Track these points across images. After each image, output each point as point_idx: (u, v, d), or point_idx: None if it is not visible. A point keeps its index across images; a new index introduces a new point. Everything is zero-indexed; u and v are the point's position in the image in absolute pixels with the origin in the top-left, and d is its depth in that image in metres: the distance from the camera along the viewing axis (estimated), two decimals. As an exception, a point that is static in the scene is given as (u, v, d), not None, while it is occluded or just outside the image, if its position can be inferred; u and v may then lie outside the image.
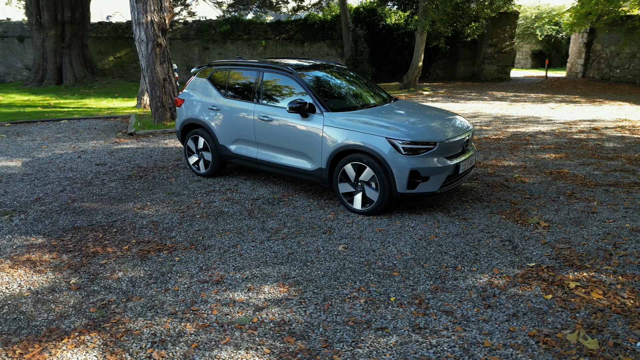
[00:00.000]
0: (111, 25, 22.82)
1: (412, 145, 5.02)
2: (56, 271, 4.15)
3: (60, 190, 6.34)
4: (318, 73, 6.23)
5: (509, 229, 4.94)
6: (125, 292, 3.81)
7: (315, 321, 3.39)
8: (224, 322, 3.40)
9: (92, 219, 5.36)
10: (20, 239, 4.82)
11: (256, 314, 3.49)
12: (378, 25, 21.43)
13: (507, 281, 3.87)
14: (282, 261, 4.31)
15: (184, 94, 6.98)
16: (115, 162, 7.76)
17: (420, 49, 16.56)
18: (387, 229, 5.00)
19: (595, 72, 20.90)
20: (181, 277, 4.05)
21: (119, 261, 4.34)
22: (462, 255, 4.35)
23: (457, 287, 3.81)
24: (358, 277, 4.00)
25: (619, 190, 6.11)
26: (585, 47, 21.35)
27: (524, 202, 5.72)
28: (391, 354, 3.01)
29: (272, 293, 3.78)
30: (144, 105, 13.25)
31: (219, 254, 4.47)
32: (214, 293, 3.79)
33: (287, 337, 3.21)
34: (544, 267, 4.09)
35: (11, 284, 3.94)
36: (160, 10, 10.06)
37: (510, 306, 3.51)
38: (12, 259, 4.36)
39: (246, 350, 3.08)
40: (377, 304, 3.60)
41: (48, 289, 3.86)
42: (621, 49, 19.36)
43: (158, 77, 10.15)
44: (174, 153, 8.33)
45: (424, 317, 3.40)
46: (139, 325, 3.38)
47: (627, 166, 7.22)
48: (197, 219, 5.34)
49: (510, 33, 20.79)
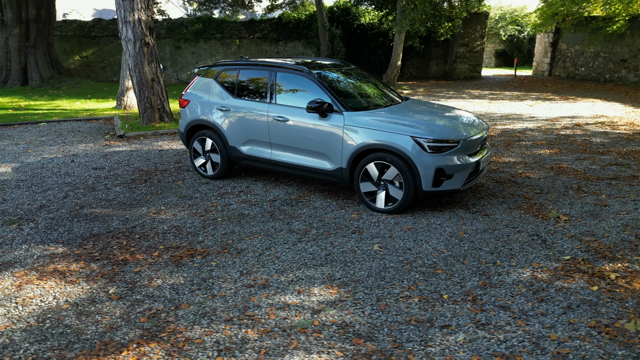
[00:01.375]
0: (76, 23, 21.98)
1: (437, 143, 5.08)
2: (90, 281, 3.96)
3: (63, 197, 6.06)
4: (329, 73, 6.20)
5: (532, 223, 5.08)
6: (171, 300, 3.68)
7: (377, 322, 3.38)
8: (284, 326, 3.34)
9: (109, 225, 5.15)
10: (39, 249, 4.57)
11: (315, 317, 3.45)
12: (352, 25, 21.55)
13: (549, 275, 3.97)
14: (322, 262, 4.27)
15: (189, 94, 6.80)
16: (113, 165, 7.48)
17: (399, 49, 16.77)
18: (414, 227, 5.04)
19: (561, 71, 21.76)
20: (224, 282, 3.95)
21: (153, 268, 4.19)
22: (497, 251, 4.44)
23: (503, 282, 3.88)
24: (403, 276, 4.01)
25: (621, 183, 6.39)
26: (551, 47, 22.19)
27: (537, 197, 5.88)
28: (464, 351, 3.04)
29: (323, 295, 3.74)
30: (124, 107, 12.82)
31: (255, 257, 4.38)
32: (265, 297, 3.72)
33: (354, 339, 3.19)
34: (580, 259, 4.22)
35: (45, 296, 3.73)
36: (147, 9, 9.76)
37: (562, 299, 3.61)
38: (38, 270, 4.14)
39: (318, 354, 3.03)
40: (432, 302, 3.62)
41: (87, 300, 3.68)
42: (585, 48, 20.23)
43: (146, 77, 9.85)
44: (172, 155, 8.11)
45: (482, 314, 3.45)
46: (198, 333, 3.27)
47: (620, 160, 7.56)
48: (220, 222, 5.22)
49: (481, 33, 21.36)
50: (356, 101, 5.90)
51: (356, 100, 5.92)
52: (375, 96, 6.23)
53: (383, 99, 6.19)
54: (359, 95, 6.14)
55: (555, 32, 21.79)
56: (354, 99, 5.95)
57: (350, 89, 6.21)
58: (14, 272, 4.11)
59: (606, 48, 19.33)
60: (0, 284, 3.91)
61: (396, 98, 6.40)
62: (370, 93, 6.28)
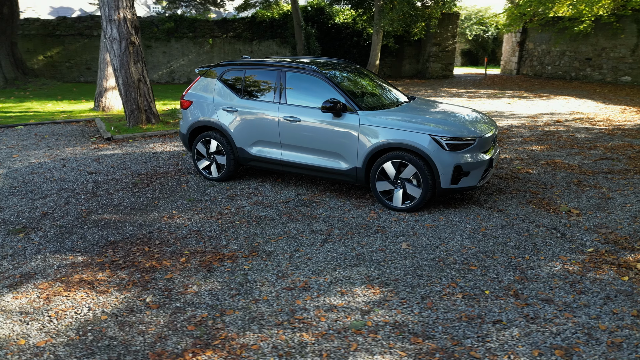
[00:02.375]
0: (39, 22, 21.11)
1: (454, 141, 5.15)
2: (122, 290, 3.81)
3: (64, 203, 5.79)
4: (338, 72, 6.19)
5: (546, 217, 5.23)
6: (214, 306, 3.59)
7: (429, 320, 3.40)
8: (339, 328, 3.31)
9: (123, 231, 4.97)
10: (56, 258, 4.36)
11: (365, 317, 3.44)
12: (327, 24, 21.59)
13: (580, 267, 4.10)
14: (355, 263, 4.26)
15: (192, 95, 6.64)
16: (109, 169, 7.21)
17: (377, 48, 16.93)
18: (435, 224, 5.10)
19: (529, 69, 22.51)
20: (263, 286, 3.88)
21: (184, 274, 4.06)
22: (522, 246, 4.55)
23: (538, 276, 3.98)
24: (440, 274, 4.05)
25: (616, 177, 6.66)
26: (518, 46, 22.92)
27: (542, 192, 6.06)
28: (522, 345, 3.10)
29: (367, 295, 3.73)
30: (103, 108, 12.39)
31: (286, 260, 4.32)
32: (309, 300, 3.67)
33: (412, 338, 3.20)
34: (603, 251, 4.38)
35: (79, 308, 3.56)
36: (132, 7, 9.46)
37: (599, 290, 3.73)
38: (63, 281, 3.94)
39: (382, 355, 3.02)
40: (476, 298, 3.67)
41: (125, 310, 3.54)
42: (552, 48, 21.00)
43: (133, 77, 9.55)
44: (167, 158, 7.89)
45: (529, 308, 3.52)
46: (252, 339, 3.20)
47: (608, 155, 7.88)
48: (239, 225, 5.12)
49: (453, 33, 21.82)
50: (367, 100, 5.92)
51: (367, 100, 5.93)
52: (384, 95, 6.26)
53: (392, 98, 6.22)
54: (369, 94, 6.16)
55: (523, 32, 22.51)
56: (365, 98, 5.96)
57: (359, 88, 6.21)
58: (36, 283, 3.91)
59: (571, 47, 20.13)
60: (26, 297, 3.71)
61: (403, 97, 6.46)
62: (378, 92, 6.31)
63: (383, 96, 6.21)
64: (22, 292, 3.78)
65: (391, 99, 6.18)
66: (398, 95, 6.47)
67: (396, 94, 6.46)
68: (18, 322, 3.38)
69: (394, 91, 6.57)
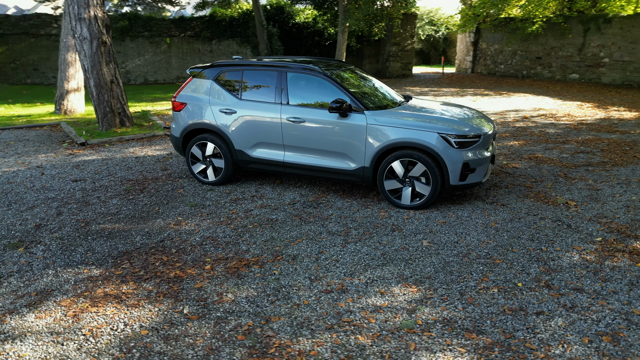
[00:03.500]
0: (-22, 21, 19.68)
1: (462, 139, 5.28)
2: (154, 302, 3.63)
3: (57, 214, 5.45)
4: (340, 72, 6.17)
5: (547, 210, 5.46)
6: (256, 314, 3.49)
7: (475, 315, 3.47)
8: (391, 328, 3.32)
9: (133, 241, 4.73)
10: (69, 273, 4.09)
11: (413, 316, 3.46)
12: (288, 24, 21.50)
13: (596, 256, 4.32)
14: (383, 262, 4.28)
15: (184, 97, 6.42)
16: (93, 176, 6.84)
17: (343, 48, 17.05)
18: (446, 220, 5.20)
19: (483, 68, 23.40)
20: (299, 290, 3.81)
21: (214, 282, 3.93)
22: (536, 238, 4.73)
23: (561, 266, 4.15)
24: (468, 269, 4.14)
25: (597, 169, 7.06)
26: (472, 46, 23.76)
27: (535, 186, 6.33)
28: (571, 334, 3.23)
29: (406, 294, 3.76)
30: (64, 112, 11.73)
31: (313, 262, 4.27)
32: (351, 302, 3.65)
33: (466, 333, 3.25)
34: (612, 240, 4.64)
35: (113, 324, 3.36)
36: (102, 4, 9.02)
37: (620, 277, 3.94)
38: (86, 296, 3.71)
39: (443, 353, 3.05)
40: (511, 291, 3.78)
41: (165, 323, 3.38)
42: (504, 47, 21.93)
43: (105, 79, 9.10)
44: (153, 162, 7.59)
45: (564, 298, 3.67)
46: (308, 345, 3.14)
47: (582, 148, 8.34)
48: (252, 229, 5.01)
49: (411, 33, 22.32)
50: (371, 100, 5.94)
51: (370, 99, 5.96)
52: (384, 95, 6.31)
53: (392, 98, 6.29)
54: (370, 94, 6.18)
55: (476, 32, 23.36)
56: (368, 97, 5.98)
57: (360, 88, 6.22)
58: (57, 301, 3.65)
59: (523, 47, 21.10)
60: (51, 316, 3.46)
61: (400, 97, 6.53)
62: (378, 92, 6.35)
63: (383, 96, 6.26)
64: (44, 310, 3.52)
65: (391, 99, 6.24)
66: (395, 94, 6.54)
67: (393, 94, 6.53)
68: (51, 343, 3.15)
69: (391, 90, 6.64)
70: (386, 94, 6.37)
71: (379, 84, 6.62)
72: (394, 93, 6.61)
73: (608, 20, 17.94)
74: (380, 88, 6.52)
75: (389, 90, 6.60)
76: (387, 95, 6.31)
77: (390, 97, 6.31)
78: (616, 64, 17.91)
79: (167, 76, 21.70)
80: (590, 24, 18.53)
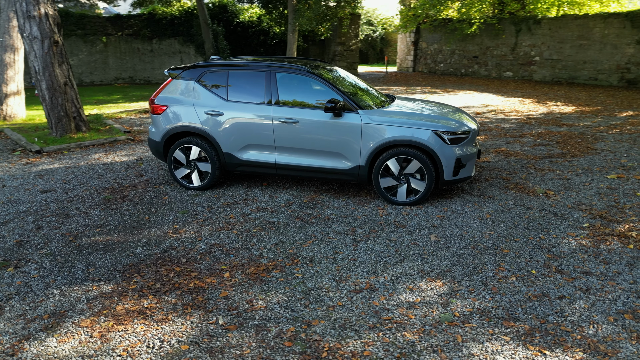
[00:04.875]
0: None
1: (454, 135, 5.47)
2: (183, 315, 3.46)
3: (36, 228, 5.03)
4: (328, 72, 6.17)
5: (531, 200, 5.79)
6: (295, 319, 3.43)
7: (505, 304, 3.62)
8: (432, 323, 3.39)
9: (134, 253, 4.47)
10: (77, 291, 3.80)
11: (448, 309, 3.55)
12: (232, 22, 21.13)
13: (590, 241, 4.64)
14: (400, 259, 4.35)
15: (164, 99, 6.14)
16: (63, 186, 6.37)
17: (293, 47, 17.02)
18: (444, 215, 5.37)
19: (424, 67, 24.29)
20: (329, 292, 3.79)
21: (239, 290, 3.81)
22: (530, 227, 5.01)
23: (564, 252, 4.43)
24: (482, 260, 4.30)
25: (559, 160, 7.58)
26: (413, 46, 24.59)
27: (511, 178, 6.68)
28: (596, 314, 3.46)
29: (434, 288, 3.85)
30: (4, 117, 10.78)
31: (332, 263, 4.26)
32: (384, 300, 3.68)
33: (504, 321, 3.39)
34: (598, 225, 5.00)
35: (147, 342, 3.17)
36: (53, 1, 8.40)
37: (618, 259, 4.27)
38: (106, 315, 3.46)
39: (490, 343, 3.16)
40: (528, 278, 3.98)
41: (204, 336, 3.23)
42: (443, 47, 22.90)
43: (58, 81, 8.49)
44: (124, 169, 7.19)
45: (577, 281, 3.91)
46: (358, 346, 3.14)
47: (539, 141, 8.91)
48: (257, 233, 4.91)
49: (355, 32, 22.70)
50: (362, 99, 5.97)
51: (361, 99, 5.99)
52: (372, 94, 6.39)
53: (379, 97, 6.38)
54: (359, 93, 6.21)
55: (416, 32, 24.19)
56: (359, 97, 6.01)
57: (349, 87, 6.24)
58: (76, 321, 3.38)
59: (460, 47, 22.14)
60: (75, 339, 3.20)
61: (384, 96, 6.64)
62: (365, 91, 6.40)
63: (371, 95, 6.34)
64: (65, 334, 3.25)
65: (379, 97, 6.33)
66: (379, 93, 6.64)
67: (378, 93, 6.63)
68: (86, 367, 2.92)
69: (375, 90, 6.73)
70: (373, 93, 6.46)
71: (363, 84, 6.69)
72: (379, 92, 6.71)
73: (537, 22, 19.25)
74: (366, 87, 6.60)
75: (373, 90, 6.69)
76: (375, 95, 6.40)
77: (377, 96, 6.40)
78: (546, 62, 19.26)
79: (105, 77, 20.60)
80: (521, 25, 19.78)
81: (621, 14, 16.88)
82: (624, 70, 16.89)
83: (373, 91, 6.58)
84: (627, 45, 16.67)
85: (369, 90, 6.53)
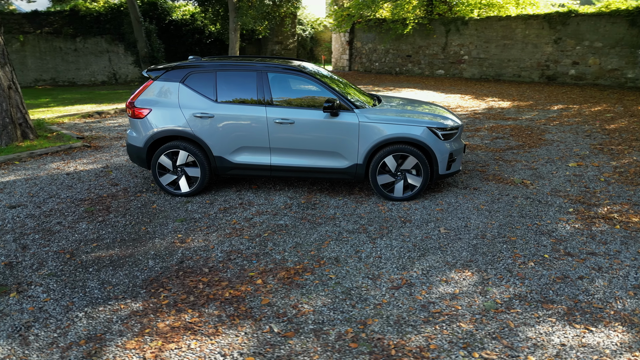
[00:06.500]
0: None
1: (446, 131, 5.70)
2: (233, 327, 3.32)
3: (21, 248, 4.56)
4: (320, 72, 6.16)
5: (513, 190, 6.17)
6: (348, 319, 3.42)
7: (536, 287, 3.85)
8: (480, 311, 3.52)
9: (147, 266, 4.20)
10: (104, 312, 3.50)
11: (489, 297, 3.71)
12: (165, 20, 20.28)
13: (581, 224, 5.05)
14: (421, 253, 4.46)
15: (146, 101, 5.79)
16: (31, 200, 5.80)
17: (236, 46, 16.68)
18: (442, 208, 5.58)
19: (359, 66, 24.85)
20: (369, 291, 3.81)
21: (279, 295, 3.72)
22: (525, 214, 5.34)
23: (564, 236, 4.78)
24: (496, 248, 4.53)
25: (520, 151, 8.13)
26: (348, 45, 25.05)
27: (487, 170, 7.07)
28: (617, 290, 3.78)
29: (466, 279, 4.00)
30: None
31: (358, 262, 4.28)
32: (425, 294, 3.77)
33: (543, 304, 3.60)
34: (582, 209, 5.45)
35: (208, 358, 3.01)
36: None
37: (612, 239, 4.69)
38: (150, 334, 3.23)
39: (540, 325, 3.36)
40: (544, 262, 4.26)
41: (264, 346, 3.12)
42: (377, 46, 23.57)
43: (2, 84, 7.69)
44: (93, 178, 6.68)
45: (588, 262, 4.24)
46: (421, 340, 3.20)
47: (494, 134, 9.49)
48: (270, 237, 4.80)
49: (292, 32, 22.70)
50: (355, 98, 6.00)
51: (353, 97, 6.02)
52: (362, 93, 6.46)
53: (369, 96, 6.48)
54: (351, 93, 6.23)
55: (351, 32, 24.66)
56: (351, 96, 6.04)
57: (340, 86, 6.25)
58: (119, 344, 3.12)
59: (394, 46, 22.92)
60: (127, 363, 2.95)
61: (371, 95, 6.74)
62: (355, 91, 6.43)
63: (361, 94, 6.40)
64: (114, 358, 2.99)
65: (369, 96, 6.43)
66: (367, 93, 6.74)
67: (365, 92, 6.73)
68: (155, 392, 2.71)
69: (361, 88, 6.81)
70: (363, 92, 6.54)
71: (350, 83, 6.74)
72: (365, 91, 6.80)
73: (465, 23, 20.41)
74: (354, 87, 6.65)
75: (361, 88, 6.77)
76: (365, 94, 6.48)
77: (367, 95, 6.49)
78: (474, 60, 20.48)
79: (23, 79, 18.90)
80: (450, 26, 20.86)
81: (540, 16, 18.36)
82: (544, 68, 18.39)
83: (362, 91, 6.66)
84: (545, 44, 18.17)
85: (358, 90, 6.59)
